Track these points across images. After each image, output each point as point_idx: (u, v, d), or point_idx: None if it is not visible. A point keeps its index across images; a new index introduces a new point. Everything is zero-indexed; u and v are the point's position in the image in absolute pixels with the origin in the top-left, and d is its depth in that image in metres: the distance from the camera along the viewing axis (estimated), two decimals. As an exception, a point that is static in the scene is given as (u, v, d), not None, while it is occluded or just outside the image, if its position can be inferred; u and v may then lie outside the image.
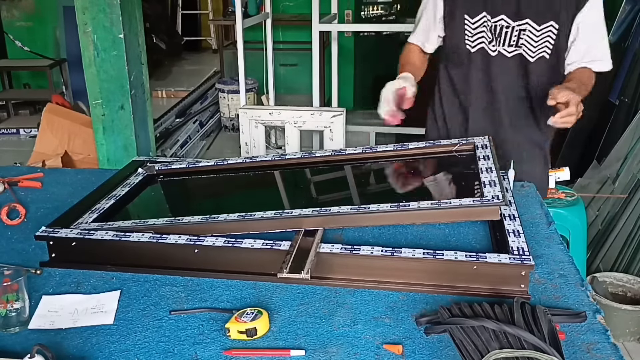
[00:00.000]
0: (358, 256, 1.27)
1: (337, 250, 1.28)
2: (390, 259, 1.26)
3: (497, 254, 1.25)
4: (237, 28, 3.55)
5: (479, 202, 1.34)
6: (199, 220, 1.42)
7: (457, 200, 1.36)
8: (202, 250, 1.33)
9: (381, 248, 1.28)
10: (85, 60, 2.85)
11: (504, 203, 1.32)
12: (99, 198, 1.61)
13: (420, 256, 1.25)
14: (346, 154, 1.77)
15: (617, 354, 1.04)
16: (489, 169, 1.49)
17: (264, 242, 1.32)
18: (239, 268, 1.33)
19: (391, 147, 1.75)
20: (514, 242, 1.29)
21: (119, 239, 1.37)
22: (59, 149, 3.93)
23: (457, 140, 1.73)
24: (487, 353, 0.98)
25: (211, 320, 1.18)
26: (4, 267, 1.34)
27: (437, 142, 1.75)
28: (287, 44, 6.16)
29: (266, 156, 1.83)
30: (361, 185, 1.78)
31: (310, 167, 1.82)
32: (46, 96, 5.29)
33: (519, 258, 1.22)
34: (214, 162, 1.82)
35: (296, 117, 3.42)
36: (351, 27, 5.82)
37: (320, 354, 1.07)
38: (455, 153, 1.69)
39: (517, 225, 1.37)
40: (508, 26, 1.76)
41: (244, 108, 3.54)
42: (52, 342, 1.12)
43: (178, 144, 5.00)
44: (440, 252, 1.26)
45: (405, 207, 1.36)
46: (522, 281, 1.22)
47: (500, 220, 1.39)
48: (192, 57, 7.75)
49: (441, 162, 1.73)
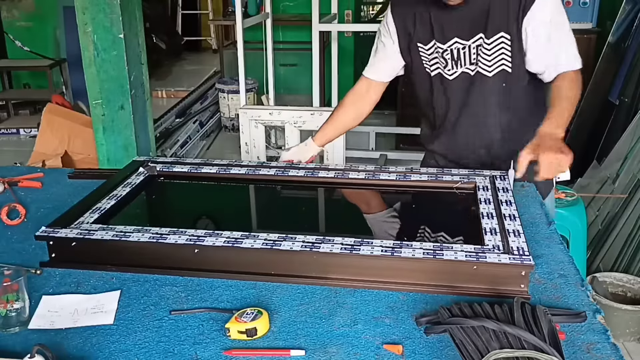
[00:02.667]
0: (358, 256, 1.27)
1: (337, 250, 1.29)
2: (390, 259, 1.26)
3: (497, 254, 1.25)
4: (237, 28, 3.55)
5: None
6: (186, 240, 1.37)
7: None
8: (202, 250, 1.33)
9: (381, 248, 1.28)
10: (85, 60, 2.85)
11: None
12: (100, 198, 1.61)
13: (420, 256, 1.25)
14: (349, 178, 1.75)
15: (617, 354, 1.04)
16: (490, 215, 1.45)
17: (264, 242, 1.32)
18: (239, 268, 1.33)
19: (394, 177, 1.73)
20: (514, 242, 1.29)
21: (118, 239, 1.37)
22: (59, 149, 3.94)
23: (458, 177, 1.69)
24: (487, 353, 0.98)
25: (211, 320, 1.18)
26: (4, 267, 1.34)
27: (439, 176, 1.72)
28: (287, 44, 6.17)
29: (269, 169, 1.81)
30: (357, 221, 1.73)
31: (310, 188, 1.82)
32: (46, 96, 5.30)
33: (519, 258, 1.22)
34: (217, 170, 1.81)
35: (296, 117, 3.42)
36: (351, 27, 5.83)
37: (320, 354, 1.07)
38: (456, 190, 1.67)
39: (517, 225, 1.37)
40: (464, 47, 1.72)
41: (244, 108, 3.54)
42: (52, 342, 1.12)
43: (178, 144, 5.01)
44: (440, 252, 1.26)
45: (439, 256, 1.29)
46: (522, 281, 1.22)
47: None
48: (192, 57, 7.74)
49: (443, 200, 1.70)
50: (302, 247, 1.30)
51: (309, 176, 1.78)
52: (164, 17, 7.34)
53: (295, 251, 1.30)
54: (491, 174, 1.70)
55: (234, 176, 1.81)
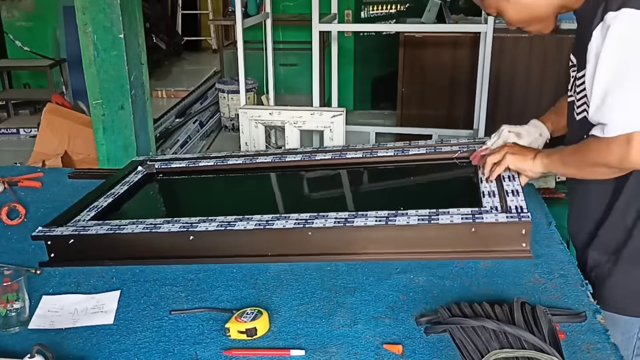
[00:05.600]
0: (352, 228, 1.25)
1: (330, 224, 1.26)
2: (385, 228, 1.23)
3: (494, 214, 1.21)
4: (237, 28, 3.55)
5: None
6: (179, 228, 1.37)
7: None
8: (197, 237, 1.32)
9: (375, 218, 1.25)
10: (85, 60, 2.85)
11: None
12: (97, 197, 1.61)
13: (415, 222, 1.22)
14: (346, 158, 1.74)
15: (617, 354, 1.04)
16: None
17: (257, 223, 1.31)
18: (235, 252, 1.32)
19: (392, 153, 1.70)
20: (512, 201, 1.25)
21: (113, 232, 1.36)
22: (59, 149, 3.94)
23: (457, 147, 1.67)
24: (487, 353, 0.98)
25: (211, 320, 1.18)
26: (4, 267, 1.35)
27: (438, 148, 1.69)
28: (287, 44, 6.16)
29: (266, 157, 1.81)
30: (359, 195, 1.73)
31: (308, 171, 1.80)
32: (46, 96, 5.29)
33: (516, 216, 1.19)
34: (214, 162, 1.81)
35: (296, 117, 3.42)
36: (351, 27, 5.82)
37: (320, 354, 1.07)
38: (456, 160, 1.65)
39: (517, 186, 1.33)
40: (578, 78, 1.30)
41: (244, 108, 3.53)
42: (52, 342, 1.12)
43: (178, 144, 5.00)
44: (435, 217, 1.22)
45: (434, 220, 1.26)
46: (524, 240, 1.20)
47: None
48: (192, 57, 7.73)
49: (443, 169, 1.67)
50: (296, 225, 1.28)
51: (306, 160, 1.76)
52: (164, 17, 7.33)
53: (289, 229, 1.27)
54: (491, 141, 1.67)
55: (231, 167, 1.80)
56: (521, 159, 1.41)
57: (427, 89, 4.65)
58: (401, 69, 4.69)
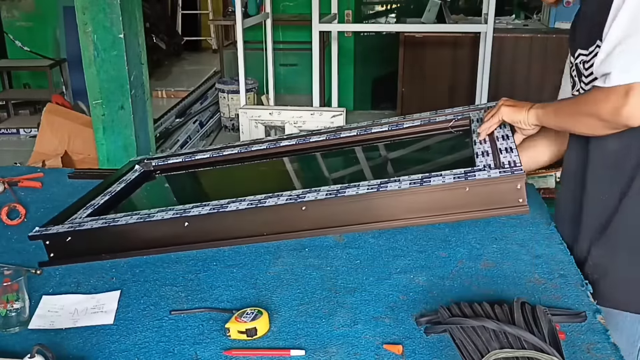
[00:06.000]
0: (344, 198, 1.23)
1: (322, 197, 1.25)
2: (377, 195, 1.21)
3: (486, 171, 1.19)
4: (237, 28, 3.55)
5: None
6: (173, 215, 1.37)
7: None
8: (192, 222, 1.32)
9: (367, 186, 1.23)
10: (85, 60, 2.85)
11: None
12: (94, 196, 1.61)
13: (407, 186, 1.20)
14: (340, 137, 1.71)
15: (617, 354, 1.04)
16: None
17: (249, 203, 1.30)
18: (231, 234, 1.32)
19: (386, 128, 1.67)
20: (505, 157, 1.24)
21: (108, 224, 1.36)
22: (59, 149, 3.94)
23: (452, 116, 1.64)
24: (487, 353, 0.98)
25: (211, 320, 1.18)
26: (4, 267, 1.35)
27: (432, 118, 1.65)
28: (287, 44, 6.16)
29: (261, 144, 1.79)
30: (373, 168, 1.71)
31: (304, 153, 1.79)
32: (46, 96, 5.29)
33: (509, 170, 1.17)
34: (210, 155, 1.80)
35: (296, 117, 3.42)
36: (351, 27, 5.83)
37: (320, 354, 1.07)
38: (451, 129, 1.62)
39: (510, 143, 1.32)
40: (587, 62, 1.25)
41: (244, 108, 3.54)
42: (52, 342, 1.12)
43: (178, 144, 5.00)
44: (427, 180, 1.21)
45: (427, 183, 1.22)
46: (519, 195, 1.17)
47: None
48: (192, 57, 7.73)
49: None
50: (288, 200, 1.27)
51: (301, 143, 1.75)
52: (164, 17, 7.33)
53: (282, 205, 1.26)
54: (486, 105, 1.67)
55: (228, 157, 1.79)
56: (516, 110, 1.40)
57: (427, 88, 4.66)
58: (401, 69, 4.69)
